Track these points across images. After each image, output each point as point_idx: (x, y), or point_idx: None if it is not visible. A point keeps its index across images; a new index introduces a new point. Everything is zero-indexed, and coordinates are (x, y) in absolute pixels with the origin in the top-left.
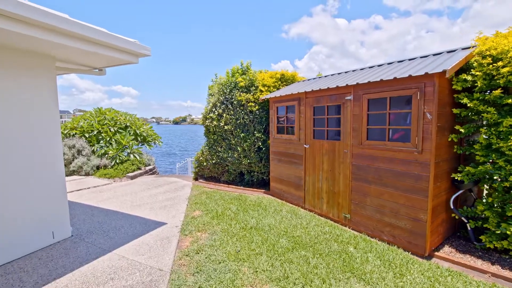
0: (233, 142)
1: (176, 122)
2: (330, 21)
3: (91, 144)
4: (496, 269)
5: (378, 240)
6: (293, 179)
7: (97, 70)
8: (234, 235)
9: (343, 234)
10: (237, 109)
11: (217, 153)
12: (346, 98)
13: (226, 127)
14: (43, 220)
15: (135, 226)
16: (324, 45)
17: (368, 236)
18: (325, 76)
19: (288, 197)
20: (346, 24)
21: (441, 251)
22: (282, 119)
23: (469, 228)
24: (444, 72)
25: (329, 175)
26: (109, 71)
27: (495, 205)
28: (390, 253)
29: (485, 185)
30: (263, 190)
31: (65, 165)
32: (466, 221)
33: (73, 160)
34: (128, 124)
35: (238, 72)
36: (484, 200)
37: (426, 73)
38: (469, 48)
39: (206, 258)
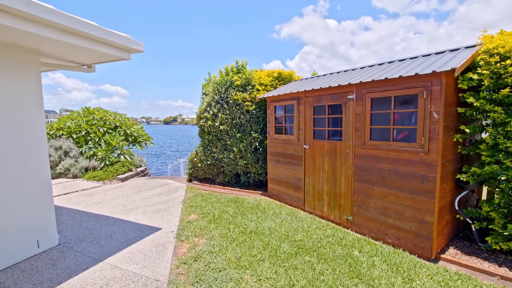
0: (229, 142)
1: (166, 122)
2: (320, 22)
3: (79, 145)
4: (504, 271)
5: (383, 243)
6: (292, 180)
7: (85, 66)
8: (233, 240)
9: (346, 237)
10: (233, 108)
11: (212, 154)
12: (348, 97)
13: (221, 127)
14: (27, 227)
15: (128, 232)
16: (314, 46)
17: (372, 238)
18: (324, 75)
19: (287, 199)
20: (336, 25)
21: (446, 253)
22: (280, 118)
23: (473, 229)
24: (452, 70)
25: (330, 176)
26: (97, 69)
27: (501, 206)
28: (396, 256)
29: (487, 186)
30: (260, 192)
31: (51, 167)
32: (471, 222)
33: (59, 162)
34: (118, 124)
35: (233, 71)
36: (484, 200)
37: (434, 71)
38: (474, 46)
39: (205, 266)
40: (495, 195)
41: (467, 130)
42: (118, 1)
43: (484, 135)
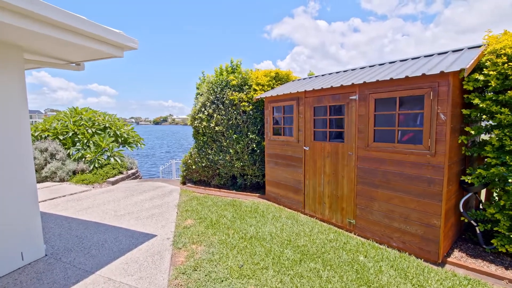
0: (225, 144)
1: (156, 122)
2: (311, 23)
3: (66, 147)
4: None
5: (387, 247)
6: (292, 182)
7: (74, 64)
8: (233, 246)
9: (349, 242)
10: (229, 109)
11: (207, 156)
12: (350, 97)
13: (217, 128)
14: (9, 237)
15: (121, 240)
16: (305, 46)
17: (376, 242)
18: (323, 75)
19: (286, 202)
20: (327, 26)
21: (452, 256)
22: (279, 119)
23: (478, 232)
24: (460, 71)
25: (331, 178)
26: (85, 68)
27: (507, 208)
28: (403, 261)
29: (492, 188)
30: (258, 194)
31: (36, 171)
32: (475, 224)
33: (45, 165)
34: (107, 125)
35: (227, 70)
36: (488, 202)
37: (442, 72)
38: (478, 47)
39: (206, 276)
40: (501, 197)
41: (472, 132)
42: (110, 0)
43: (484, 136)
